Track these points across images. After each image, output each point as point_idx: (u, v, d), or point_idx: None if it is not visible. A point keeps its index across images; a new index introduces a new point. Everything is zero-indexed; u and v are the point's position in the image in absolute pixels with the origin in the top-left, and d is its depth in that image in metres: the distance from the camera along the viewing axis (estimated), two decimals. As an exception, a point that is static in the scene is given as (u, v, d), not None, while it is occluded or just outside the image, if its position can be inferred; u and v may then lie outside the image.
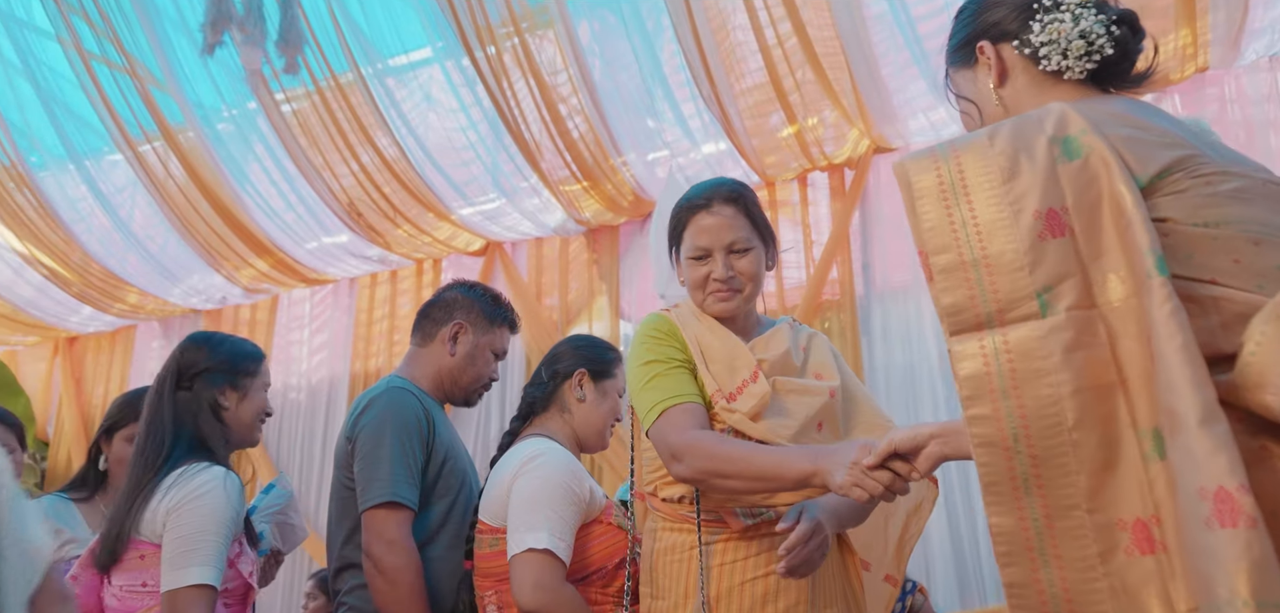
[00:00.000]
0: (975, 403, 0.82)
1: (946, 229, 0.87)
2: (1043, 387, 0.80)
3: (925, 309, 3.80)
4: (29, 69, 4.37)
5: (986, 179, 0.87)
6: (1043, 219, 0.84)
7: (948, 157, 0.91)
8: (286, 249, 4.82)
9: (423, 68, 4.25)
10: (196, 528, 1.47)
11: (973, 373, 0.83)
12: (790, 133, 3.88)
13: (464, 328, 2.03)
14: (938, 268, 0.86)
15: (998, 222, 0.85)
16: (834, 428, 1.53)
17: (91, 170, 4.72)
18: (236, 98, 4.30)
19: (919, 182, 0.91)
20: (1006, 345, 0.82)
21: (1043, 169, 0.86)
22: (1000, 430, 0.81)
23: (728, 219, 1.54)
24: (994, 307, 0.83)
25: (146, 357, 5.67)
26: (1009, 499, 0.81)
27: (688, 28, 3.49)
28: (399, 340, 4.94)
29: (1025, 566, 0.80)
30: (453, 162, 4.35)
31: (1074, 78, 1.04)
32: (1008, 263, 0.84)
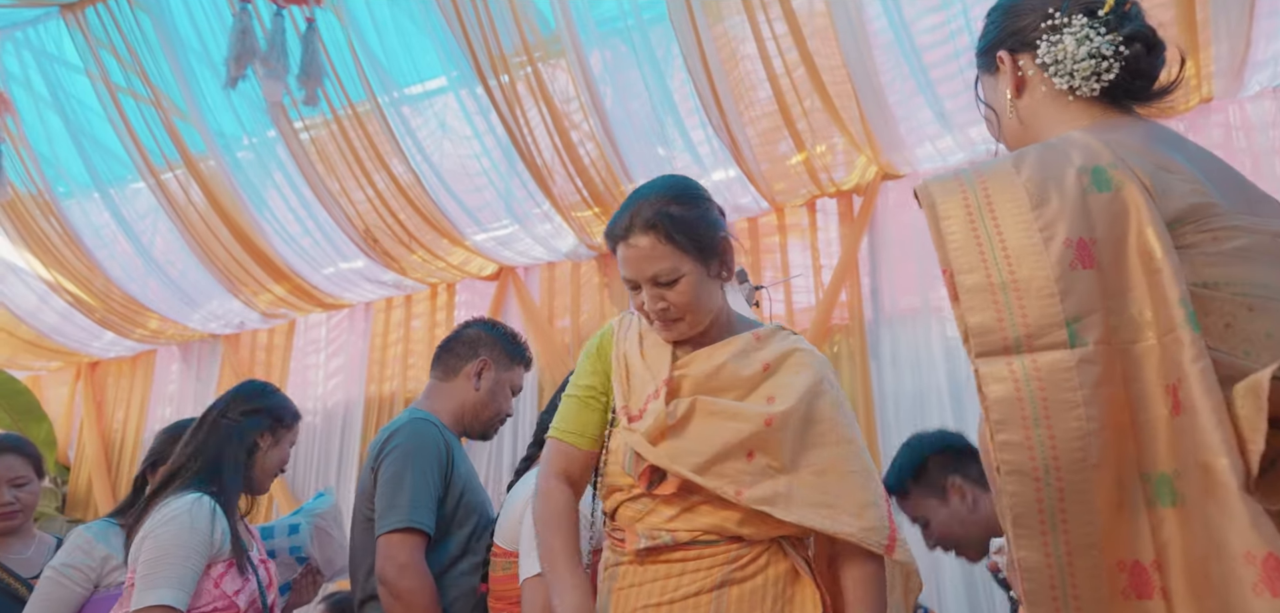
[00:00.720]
0: (1005, 428, 0.80)
1: (973, 249, 0.86)
2: (1072, 419, 0.78)
3: (934, 334, 3.82)
4: (58, 102, 4.50)
5: (1014, 204, 0.86)
6: (1074, 248, 0.83)
7: (973, 181, 0.90)
8: (303, 275, 4.90)
9: (437, 96, 4.34)
10: (161, 551, 1.54)
11: (1003, 396, 0.80)
12: (799, 160, 3.93)
13: (488, 364, 2.10)
14: (964, 287, 0.85)
15: (1027, 247, 0.83)
16: (774, 458, 1.34)
17: (115, 198, 4.84)
18: (256, 126, 4.41)
19: (944, 203, 0.90)
20: (1037, 371, 0.80)
21: (1072, 199, 0.85)
22: (1032, 460, 0.78)
23: (645, 250, 1.40)
24: (1022, 331, 0.81)
25: (166, 381, 5.76)
26: (1036, 533, 0.78)
27: (697, 57, 3.56)
28: (413, 364, 5.00)
29: (1047, 605, 0.78)
30: (466, 188, 4.42)
31: (1086, 96, 1.02)
32: (1038, 288, 0.82)
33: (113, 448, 5.71)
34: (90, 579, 1.80)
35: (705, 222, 1.44)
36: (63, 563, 1.82)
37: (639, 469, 1.37)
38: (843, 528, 1.32)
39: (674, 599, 1.32)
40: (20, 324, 5.56)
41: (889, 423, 3.81)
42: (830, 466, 1.35)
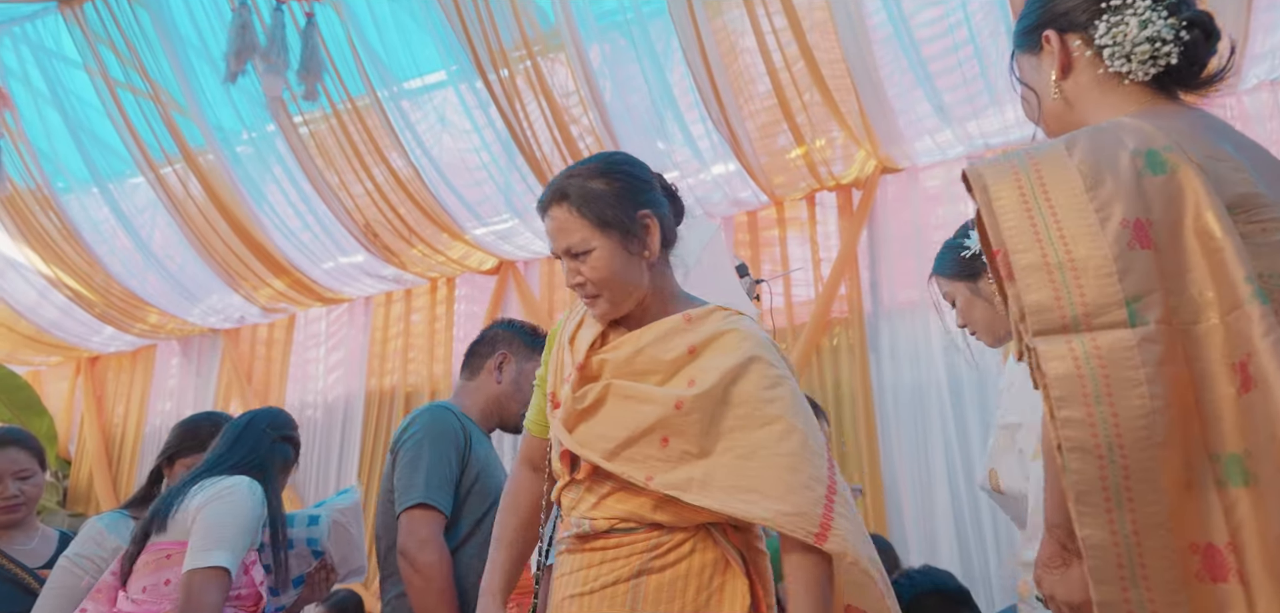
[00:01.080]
0: (1067, 405, 0.79)
1: (1028, 230, 0.85)
2: (1135, 397, 0.78)
3: (933, 328, 3.83)
4: (57, 97, 4.50)
5: (1068, 185, 0.86)
6: (1131, 229, 0.82)
7: (1025, 164, 0.89)
8: (303, 269, 4.91)
9: (437, 90, 4.34)
10: (222, 518, 1.58)
11: (1063, 373, 0.80)
12: (798, 154, 3.93)
13: (508, 357, 2.17)
14: (1020, 266, 0.84)
15: (1083, 227, 0.83)
16: (690, 442, 1.28)
17: (114, 193, 4.84)
18: (256, 121, 4.41)
19: (996, 184, 0.89)
20: (1097, 350, 0.79)
21: (1127, 181, 0.84)
22: (1094, 437, 0.78)
23: (560, 222, 1.36)
24: (1080, 310, 0.81)
25: (166, 375, 5.77)
26: (1100, 512, 0.78)
27: (697, 51, 3.56)
28: (413, 358, 5.01)
29: (1115, 585, 0.78)
30: (466, 182, 4.43)
31: (1137, 81, 1.00)
32: (1095, 268, 0.81)
33: (113, 442, 5.72)
34: (100, 569, 1.82)
35: (623, 196, 1.36)
36: (75, 553, 1.85)
37: (559, 454, 1.37)
38: (759, 512, 1.22)
39: (593, 589, 1.29)
40: (20, 319, 5.57)
41: (888, 416, 3.83)
42: (757, 448, 1.26)
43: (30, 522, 2.07)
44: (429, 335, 5.00)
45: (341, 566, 2.05)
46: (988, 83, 3.47)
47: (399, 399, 4.93)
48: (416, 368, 4.99)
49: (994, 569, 3.48)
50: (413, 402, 4.92)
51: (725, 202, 4.27)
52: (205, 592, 1.51)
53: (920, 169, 4.03)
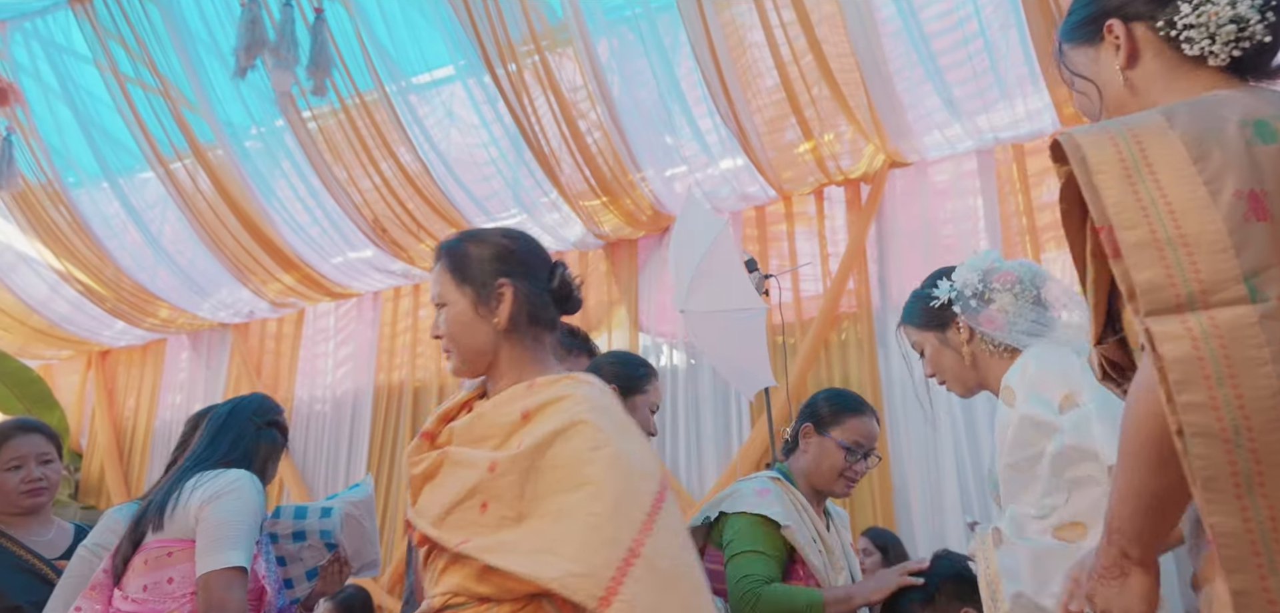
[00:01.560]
0: (1188, 389, 0.75)
1: (1134, 205, 0.80)
2: (1260, 377, 0.74)
3: (942, 321, 3.82)
4: (67, 92, 4.52)
5: (1172, 157, 0.81)
6: (1245, 200, 0.78)
7: (1124, 134, 0.84)
8: (312, 264, 4.93)
9: (445, 85, 4.34)
10: (230, 516, 1.57)
11: (1182, 355, 0.75)
12: (806, 148, 3.92)
13: None
14: (1128, 244, 0.79)
15: (1192, 200, 0.79)
16: (507, 506, 1.25)
17: (124, 188, 4.87)
18: (264, 116, 4.42)
19: (1096, 156, 0.83)
20: (1216, 329, 0.75)
21: (1237, 151, 0.80)
22: (1219, 421, 0.74)
23: (434, 275, 1.40)
24: (1196, 288, 0.76)
25: (176, 369, 5.80)
26: (1231, 499, 0.74)
27: (705, 45, 3.55)
28: (422, 353, 5.02)
29: (1252, 573, 0.74)
30: (474, 176, 4.43)
31: (1216, 65, 0.96)
32: (1209, 243, 0.77)
33: (124, 435, 5.76)
34: None
35: (487, 261, 1.37)
36: (93, 543, 1.85)
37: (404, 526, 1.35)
38: (549, 573, 1.14)
39: None
40: (32, 314, 5.60)
41: (896, 410, 3.82)
42: (569, 511, 1.20)
43: (47, 513, 2.09)
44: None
45: (355, 559, 2.04)
46: (998, 76, 3.46)
47: (408, 394, 4.95)
48: (425, 363, 5.01)
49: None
50: (421, 397, 4.94)
51: (733, 197, 4.26)
52: (228, 592, 1.50)
53: (929, 163, 4.02)
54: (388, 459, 4.91)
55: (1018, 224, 3.79)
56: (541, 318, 1.39)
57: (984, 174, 3.89)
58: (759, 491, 1.87)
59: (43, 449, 2.05)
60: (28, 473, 2.00)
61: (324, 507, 2.03)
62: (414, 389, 4.96)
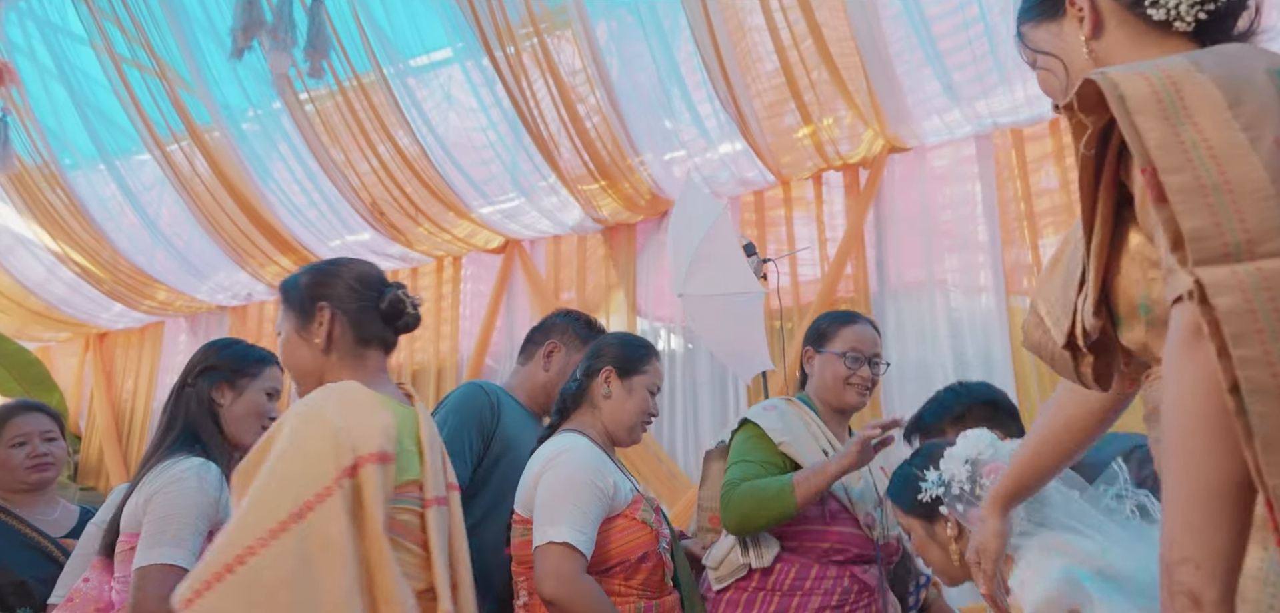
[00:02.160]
0: (1242, 343, 0.70)
1: (1176, 147, 0.76)
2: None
3: (939, 307, 3.83)
4: (63, 73, 4.49)
5: (1208, 101, 0.77)
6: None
7: (1158, 75, 0.80)
8: (310, 247, 4.92)
9: (443, 68, 4.33)
10: (168, 511, 1.54)
11: (1235, 308, 0.71)
12: (805, 133, 3.92)
13: (557, 347, 2.21)
14: (1173, 188, 0.75)
15: (1232, 146, 0.75)
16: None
17: (121, 169, 4.85)
18: (261, 98, 4.41)
19: (1132, 90, 0.79)
20: (1265, 280, 0.71)
21: (1270, 98, 0.77)
22: (1275, 377, 0.69)
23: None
24: (1243, 237, 0.72)
25: (174, 352, 5.80)
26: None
27: (704, 28, 3.54)
28: (420, 336, 5.03)
29: None
30: (472, 160, 4.42)
31: (1182, 29, 0.94)
32: (1253, 190, 0.73)
33: (123, 418, 5.76)
34: None
35: (309, 288, 1.48)
36: (101, 519, 1.85)
37: None
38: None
39: None
40: (30, 295, 5.60)
41: (893, 395, 3.83)
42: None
43: (52, 492, 2.10)
44: (435, 315, 5.02)
45: None
46: (997, 61, 3.45)
47: (406, 378, 4.96)
48: (422, 346, 5.01)
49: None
50: (419, 380, 4.95)
51: (732, 181, 4.26)
52: (154, 587, 1.48)
53: (928, 148, 4.01)
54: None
55: (1016, 210, 3.79)
56: (367, 337, 1.49)
57: (982, 159, 3.89)
58: (764, 408, 1.92)
59: (46, 427, 2.08)
60: (32, 449, 2.03)
61: None
62: (413, 373, 4.97)
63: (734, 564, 1.80)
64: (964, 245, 3.86)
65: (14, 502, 2.02)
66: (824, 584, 1.78)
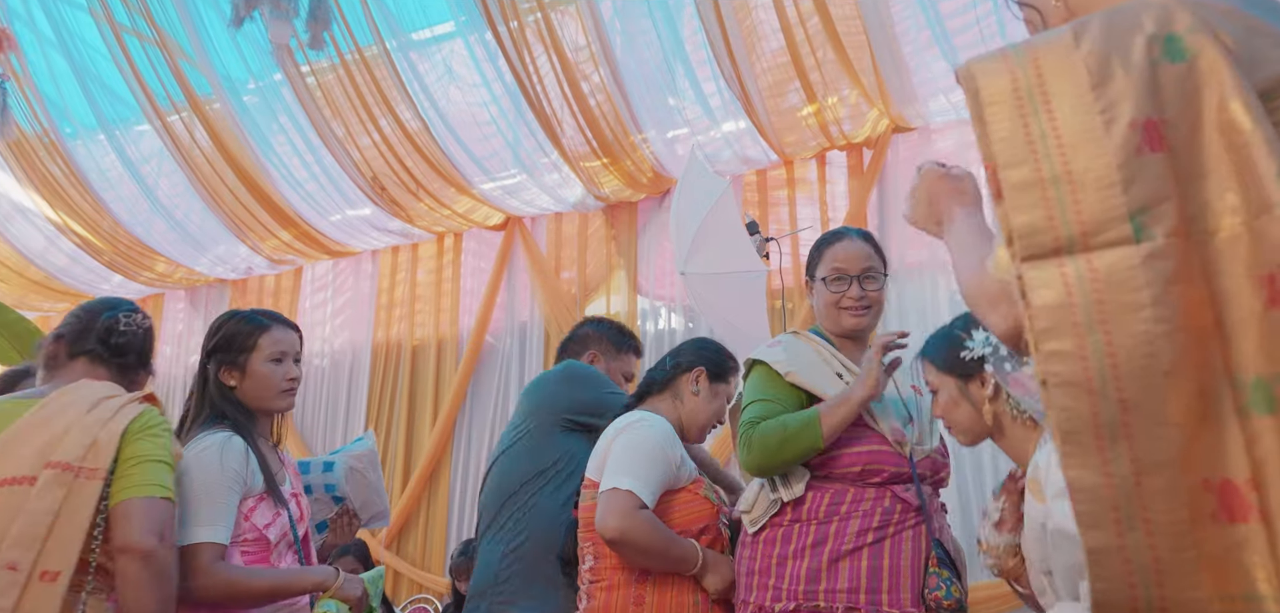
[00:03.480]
0: (1053, 336, 0.71)
1: (1021, 141, 0.75)
2: (1137, 322, 0.69)
3: (941, 289, 3.82)
4: (62, 42, 4.46)
5: (1071, 84, 0.75)
6: (1140, 131, 0.72)
7: (1023, 59, 0.79)
8: (310, 221, 4.90)
9: (445, 42, 4.29)
10: (198, 491, 1.57)
11: (1051, 302, 0.71)
12: (810, 111, 3.89)
13: (597, 357, 2.29)
14: (1009, 183, 0.75)
15: (1085, 132, 0.73)
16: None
17: (121, 140, 4.82)
18: (262, 70, 4.37)
19: (989, 87, 0.78)
20: (1093, 273, 0.71)
21: (1140, 73, 0.74)
22: (1085, 370, 0.69)
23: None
24: (1077, 229, 0.72)
25: (174, 325, 5.80)
26: (1092, 451, 0.69)
27: (709, 4, 3.51)
28: (420, 312, 5.02)
29: (1108, 530, 0.69)
30: (474, 136, 4.40)
31: None
32: (1096, 178, 0.72)
33: (122, 390, 5.76)
34: None
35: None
36: None
37: None
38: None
39: None
40: (29, 265, 5.58)
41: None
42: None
43: None
44: (435, 290, 5.01)
45: (364, 511, 2.05)
46: (1005, 40, 3.41)
47: (406, 353, 4.95)
48: (422, 322, 5.01)
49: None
50: (419, 356, 4.94)
51: (735, 160, 4.23)
52: (189, 564, 1.54)
53: (933, 129, 3.99)
54: (386, 416, 4.93)
55: (1020, 193, 3.77)
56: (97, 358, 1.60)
57: (988, 142, 3.87)
58: (769, 344, 1.86)
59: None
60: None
61: (325, 461, 2.04)
62: (412, 348, 4.97)
63: (766, 502, 1.71)
64: (967, 228, 3.84)
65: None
66: (862, 506, 1.66)
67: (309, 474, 2.00)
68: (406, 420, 4.83)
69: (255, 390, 1.74)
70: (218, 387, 1.72)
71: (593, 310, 4.58)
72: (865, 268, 1.83)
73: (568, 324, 4.58)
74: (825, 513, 1.67)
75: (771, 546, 1.68)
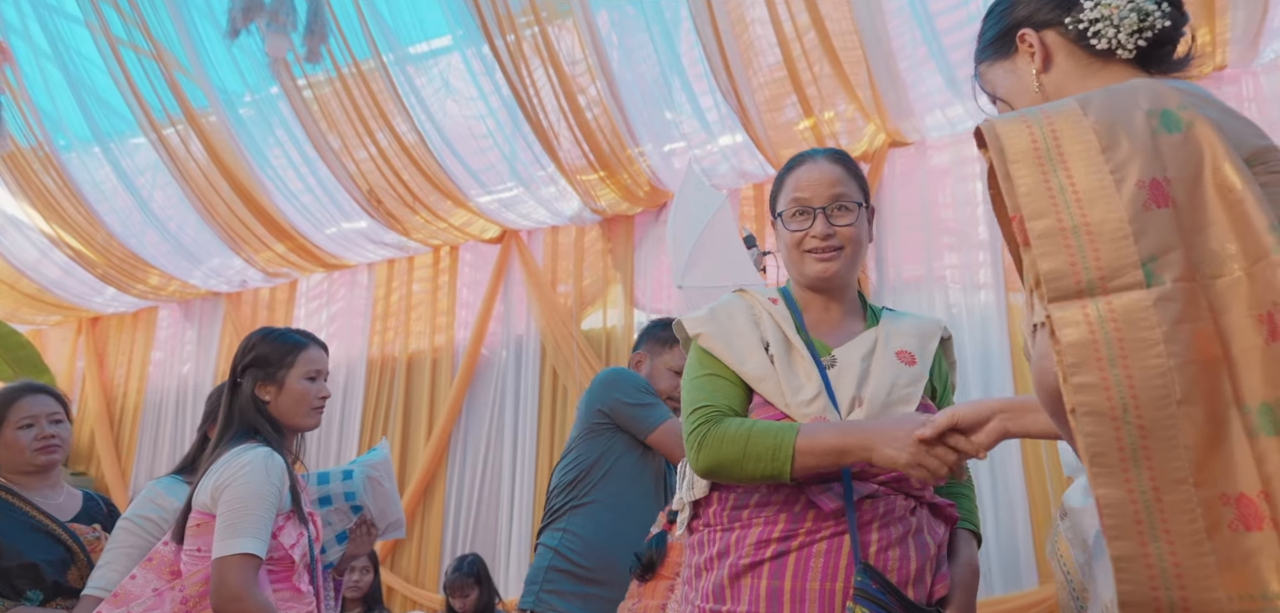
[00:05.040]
0: (1081, 371, 0.80)
1: (1043, 194, 0.85)
2: (1151, 357, 0.79)
3: (938, 302, 3.82)
4: (58, 54, 4.45)
5: (1083, 146, 0.86)
6: (1146, 189, 0.82)
7: (1039, 121, 0.89)
8: (306, 234, 4.89)
9: (442, 55, 4.29)
10: (241, 502, 1.61)
11: (1078, 340, 0.80)
12: (806, 126, 3.90)
13: (643, 358, 2.39)
14: (1035, 233, 0.84)
15: (1098, 189, 0.83)
16: None
17: (115, 152, 4.81)
18: (259, 82, 4.37)
19: (1012, 143, 0.88)
20: (1112, 313, 0.80)
21: (1142, 140, 0.85)
22: (1109, 400, 0.79)
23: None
24: (1096, 275, 0.81)
25: (168, 337, 5.77)
26: (1116, 471, 0.78)
27: (706, 19, 3.52)
28: (416, 325, 5.00)
29: (1133, 540, 0.78)
30: (470, 149, 4.40)
31: (1124, 58, 1.04)
32: (1110, 231, 0.82)
33: (114, 402, 5.73)
34: (160, 528, 1.87)
35: None
36: (136, 513, 1.89)
37: None
38: None
39: None
40: (22, 278, 5.56)
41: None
42: None
43: (57, 476, 2.07)
44: (431, 304, 4.99)
45: (380, 520, 2.06)
46: (1000, 57, 3.43)
47: (401, 366, 4.93)
48: (418, 335, 4.99)
49: (992, 545, 3.49)
50: (414, 370, 4.92)
51: (732, 174, 4.24)
52: (234, 576, 1.56)
53: (929, 144, 4.00)
54: (380, 430, 4.90)
55: (1016, 207, 3.78)
56: None
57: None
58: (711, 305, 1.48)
59: (53, 409, 2.05)
60: (40, 429, 2.00)
61: (345, 471, 2.04)
62: (407, 361, 4.95)
63: (683, 505, 1.41)
64: (964, 242, 3.85)
65: (20, 484, 1.99)
66: (765, 512, 1.29)
67: (328, 484, 2.01)
68: (401, 434, 4.81)
69: (289, 406, 1.79)
70: (253, 400, 1.77)
71: (588, 324, 4.57)
72: (833, 194, 1.39)
73: (563, 338, 4.57)
74: (728, 519, 1.33)
75: (691, 552, 1.40)
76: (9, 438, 1.99)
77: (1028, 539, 3.47)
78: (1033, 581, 3.42)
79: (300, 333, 1.87)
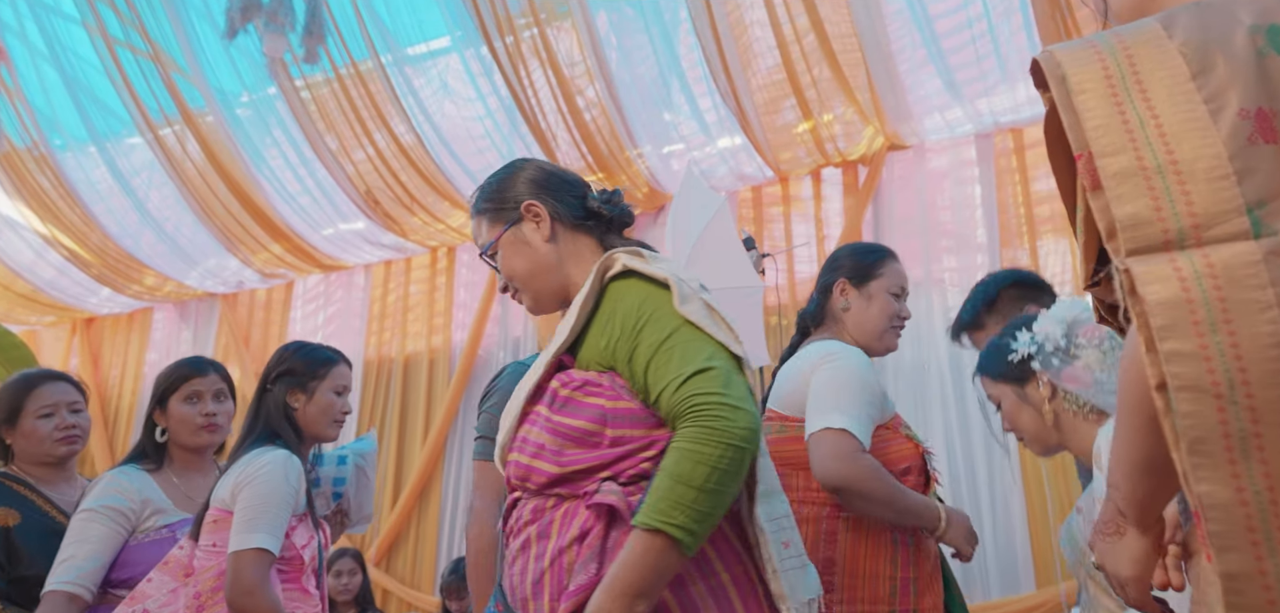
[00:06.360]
0: (1174, 335, 0.65)
1: (1119, 128, 0.70)
2: (1262, 323, 0.63)
3: (935, 306, 3.82)
4: (55, 54, 4.44)
5: (1168, 72, 0.71)
6: (1252, 119, 0.68)
7: (1113, 47, 0.74)
8: (302, 235, 4.87)
9: (441, 56, 4.29)
10: (260, 500, 1.64)
11: (1168, 298, 0.65)
12: (805, 128, 3.90)
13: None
14: (1109, 172, 0.69)
15: (1189, 122, 0.69)
16: None
17: (112, 152, 4.79)
18: (256, 83, 4.36)
19: (1078, 74, 0.73)
20: (1210, 268, 0.65)
21: (1245, 62, 0.70)
22: (1211, 373, 0.64)
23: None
24: (1188, 222, 0.66)
25: (163, 338, 5.75)
26: (1223, 464, 0.63)
27: (706, 21, 3.52)
28: (412, 327, 4.99)
29: (1246, 553, 0.63)
30: (469, 150, 4.39)
31: None
32: (1206, 170, 0.67)
33: (109, 404, 5.70)
34: (131, 522, 1.78)
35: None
36: (101, 503, 1.75)
37: None
38: None
39: None
40: (17, 278, 5.53)
41: (889, 393, 3.82)
42: None
43: (73, 469, 2.01)
44: (428, 305, 4.98)
45: (355, 512, 2.07)
46: (1000, 59, 3.44)
47: (398, 368, 4.92)
48: (415, 336, 4.97)
49: (990, 548, 3.49)
50: (410, 371, 4.91)
51: (730, 176, 4.24)
52: (249, 571, 1.60)
53: (928, 147, 4.00)
54: (376, 431, 4.89)
55: (1016, 213, 3.78)
56: None
57: (982, 161, 3.88)
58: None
59: (73, 398, 1.98)
60: (61, 419, 1.93)
61: (340, 455, 2.04)
62: (404, 363, 4.93)
63: None
64: (963, 245, 3.85)
65: (39, 478, 1.89)
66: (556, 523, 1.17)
67: (323, 466, 2.01)
68: (397, 436, 4.79)
69: (314, 415, 1.85)
70: (283, 406, 1.82)
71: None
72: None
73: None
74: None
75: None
76: (27, 427, 1.90)
77: (1025, 543, 3.47)
78: (1030, 584, 3.41)
79: (331, 350, 1.93)
